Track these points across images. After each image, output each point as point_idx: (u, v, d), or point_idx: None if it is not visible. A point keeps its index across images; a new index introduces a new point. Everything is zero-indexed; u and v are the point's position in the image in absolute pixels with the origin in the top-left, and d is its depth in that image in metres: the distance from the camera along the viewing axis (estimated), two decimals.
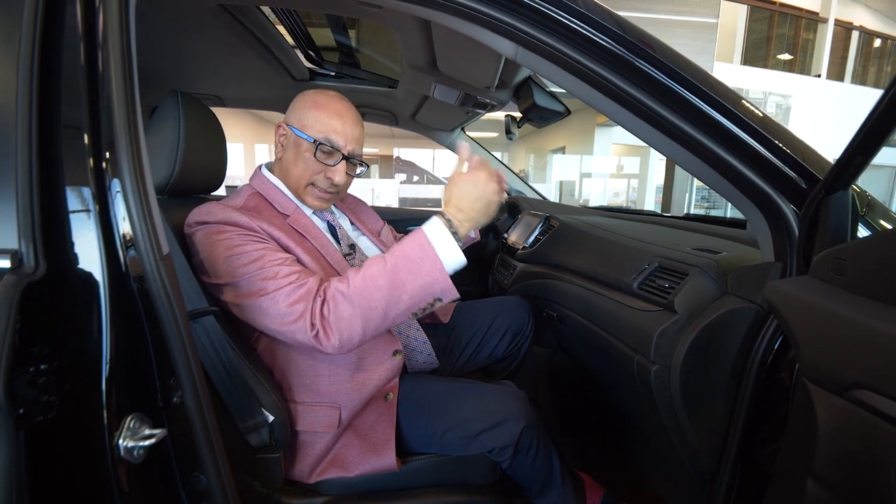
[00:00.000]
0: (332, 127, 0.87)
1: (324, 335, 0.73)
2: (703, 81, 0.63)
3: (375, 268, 0.74)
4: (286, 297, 0.73)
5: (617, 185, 9.28)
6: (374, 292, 0.72)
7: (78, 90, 0.51)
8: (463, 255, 0.76)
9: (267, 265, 0.76)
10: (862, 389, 0.41)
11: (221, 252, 0.76)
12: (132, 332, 0.53)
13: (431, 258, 0.73)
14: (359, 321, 0.73)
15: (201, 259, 0.78)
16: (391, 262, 0.74)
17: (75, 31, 0.50)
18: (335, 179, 0.89)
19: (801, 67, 8.86)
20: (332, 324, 0.73)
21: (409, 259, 0.73)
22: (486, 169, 0.80)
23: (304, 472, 0.84)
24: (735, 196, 0.68)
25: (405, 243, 0.75)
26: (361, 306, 0.72)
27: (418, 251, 0.74)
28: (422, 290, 0.73)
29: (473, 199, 0.78)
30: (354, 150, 0.91)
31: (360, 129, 0.92)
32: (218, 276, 0.77)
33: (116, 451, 0.49)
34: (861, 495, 0.42)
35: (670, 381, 0.75)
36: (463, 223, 0.77)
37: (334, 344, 0.73)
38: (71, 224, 0.50)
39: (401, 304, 0.73)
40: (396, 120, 1.97)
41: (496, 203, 0.81)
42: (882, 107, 0.44)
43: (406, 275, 0.73)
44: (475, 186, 0.78)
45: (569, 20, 0.63)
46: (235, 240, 0.77)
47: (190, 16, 1.06)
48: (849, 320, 0.43)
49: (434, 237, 0.75)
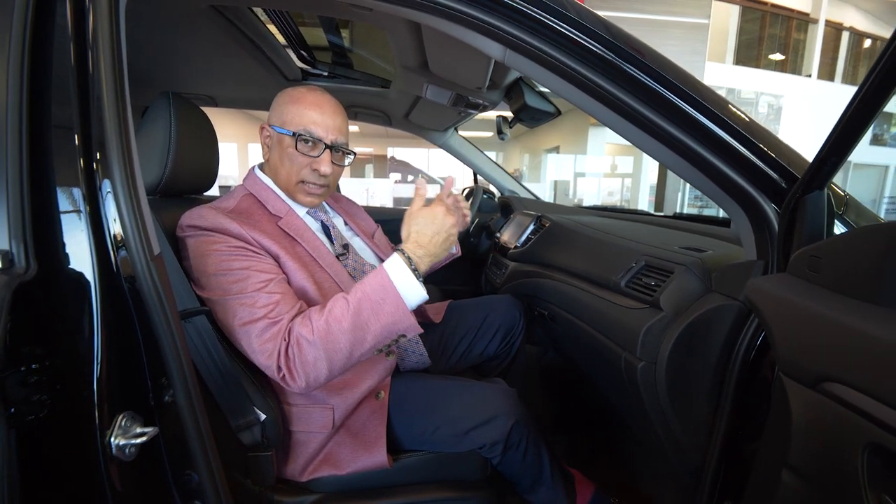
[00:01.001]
0: (311, 118, 0.87)
1: (290, 378, 0.74)
2: (690, 85, 0.65)
3: (339, 309, 0.74)
4: (259, 334, 0.74)
5: (611, 184, 9.34)
6: (338, 335, 0.73)
7: (68, 90, 0.51)
8: (424, 291, 0.77)
9: (248, 289, 0.76)
10: (832, 382, 0.42)
11: (210, 266, 0.77)
12: (124, 331, 0.54)
13: (393, 298, 0.75)
14: (324, 363, 0.74)
15: (191, 265, 0.79)
16: (354, 304, 0.74)
17: (65, 31, 0.51)
18: (321, 170, 0.88)
19: (792, 67, 8.95)
20: (297, 367, 0.74)
21: (372, 300, 0.75)
22: (442, 203, 0.82)
23: (297, 471, 0.85)
24: (719, 196, 0.70)
25: (367, 283, 0.76)
26: (326, 349, 0.73)
27: (380, 292, 0.75)
28: (384, 329, 0.75)
29: (432, 234, 0.80)
30: (338, 140, 0.90)
31: (340, 119, 0.91)
32: (203, 288, 0.78)
33: (108, 449, 0.50)
34: (830, 483, 0.43)
35: (656, 378, 0.76)
36: (423, 259, 0.79)
37: (301, 385, 0.75)
38: (62, 224, 0.50)
39: (365, 343, 0.75)
40: (390, 120, 1.97)
41: (454, 236, 0.82)
42: (853, 108, 0.46)
43: (369, 315, 0.74)
44: (433, 221, 0.80)
45: (556, 24, 0.64)
46: (224, 253, 0.77)
47: (182, 17, 1.06)
48: (820, 316, 0.44)
49: (395, 276, 0.76)
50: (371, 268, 1.01)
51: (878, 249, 0.42)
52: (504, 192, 2.21)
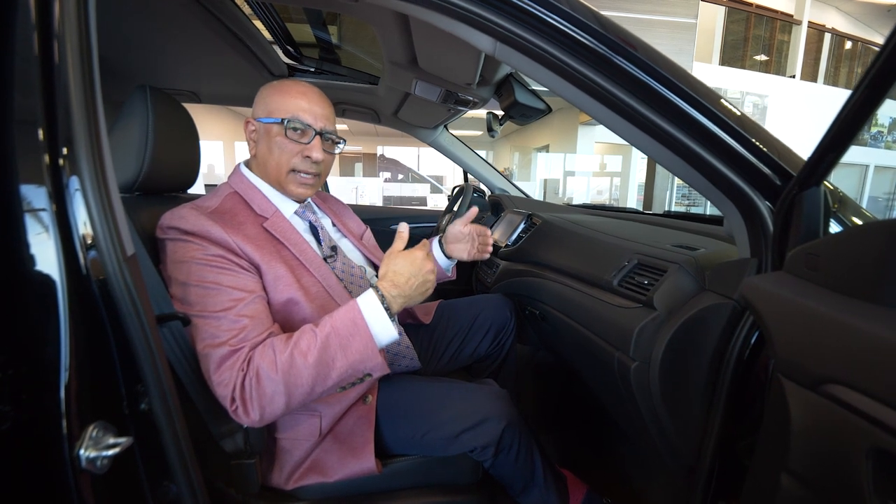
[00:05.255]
0: (299, 106, 0.85)
1: (243, 411, 0.69)
2: (684, 80, 0.64)
3: (305, 343, 0.71)
4: (217, 362, 0.70)
5: (600, 183, 9.39)
6: (301, 370, 0.70)
7: (32, 82, 0.48)
8: (395, 331, 0.76)
9: (216, 307, 0.72)
10: (833, 384, 0.41)
11: (183, 273, 0.73)
12: (95, 337, 0.51)
13: (363, 335, 0.72)
14: (282, 398, 0.70)
15: (165, 268, 0.76)
16: (321, 338, 0.71)
17: (28, 19, 0.48)
18: (313, 156, 0.86)
19: (776, 68, 9.08)
20: (253, 400, 0.69)
21: (341, 335, 0.72)
22: (423, 248, 0.82)
23: (282, 479, 0.82)
24: (712, 192, 0.69)
25: (337, 317, 0.74)
26: (287, 384, 0.69)
27: (350, 327, 0.73)
28: (351, 367, 0.72)
29: (409, 276, 0.78)
30: (326, 127, 0.88)
31: (328, 108, 0.90)
32: (173, 296, 0.74)
33: (77, 461, 0.47)
34: (832, 489, 0.42)
35: (650, 378, 0.75)
36: (396, 299, 0.76)
37: (254, 419, 0.70)
38: (26, 224, 0.47)
39: (329, 380, 0.72)
40: (378, 117, 1.95)
41: (431, 282, 0.81)
42: (850, 106, 0.45)
43: (336, 351, 0.71)
44: (411, 264, 0.79)
45: (548, 16, 0.62)
46: (199, 262, 0.74)
47: (162, 9, 1.02)
48: (821, 316, 0.43)
49: (367, 312, 0.74)
50: (360, 270, 0.99)
51: (880, 247, 0.41)
52: (494, 190, 2.19)
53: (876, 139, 9.13)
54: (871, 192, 9.69)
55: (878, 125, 9.18)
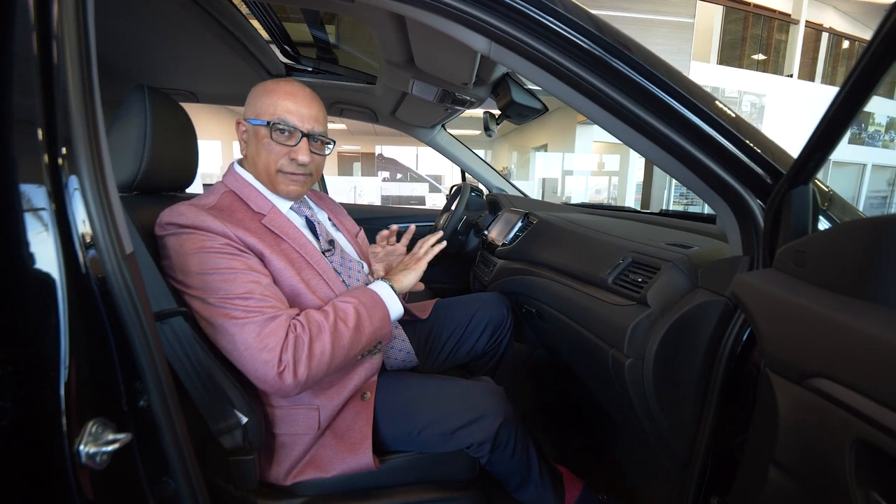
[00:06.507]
0: (285, 108, 0.85)
1: (292, 371, 0.72)
2: (677, 81, 0.64)
3: (342, 310, 0.81)
4: (256, 329, 0.72)
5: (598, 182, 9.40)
6: (343, 332, 0.79)
7: (31, 82, 0.49)
8: (402, 308, 0.91)
9: (239, 288, 0.73)
10: (819, 378, 0.42)
11: (194, 264, 0.74)
12: (94, 334, 0.52)
13: (382, 307, 0.88)
14: (327, 358, 0.76)
15: (172, 264, 0.76)
16: (354, 307, 0.83)
17: (27, 19, 0.48)
18: (299, 159, 0.86)
19: (774, 67, 9.09)
20: (303, 360, 0.73)
21: (367, 307, 0.85)
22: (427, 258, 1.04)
23: (281, 474, 0.83)
24: (704, 191, 0.70)
25: (359, 294, 0.87)
26: (333, 343, 0.77)
27: (371, 301, 0.86)
28: (374, 333, 0.85)
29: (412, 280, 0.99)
30: (314, 129, 0.88)
31: (317, 109, 0.89)
32: (188, 287, 0.75)
33: (77, 457, 0.48)
34: (818, 480, 0.43)
35: (643, 374, 0.76)
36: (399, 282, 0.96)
37: (300, 379, 0.73)
38: (25, 223, 0.48)
39: (359, 344, 0.82)
40: (376, 117, 1.95)
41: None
42: (836, 106, 0.46)
43: (365, 318, 0.83)
44: (416, 274, 1.00)
45: (542, 17, 0.63)
46: (208, 251, 0.75)
47: (159, 8, 1.03)
48: (807, 311, 0.44)
49: (381, 291, 0.90)
50: (357, 263, 1.00)
51: (863, 245, 0.41)
52: (492, 189, 2.20)
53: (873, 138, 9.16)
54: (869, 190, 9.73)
55: (876, 124, 9.20)
